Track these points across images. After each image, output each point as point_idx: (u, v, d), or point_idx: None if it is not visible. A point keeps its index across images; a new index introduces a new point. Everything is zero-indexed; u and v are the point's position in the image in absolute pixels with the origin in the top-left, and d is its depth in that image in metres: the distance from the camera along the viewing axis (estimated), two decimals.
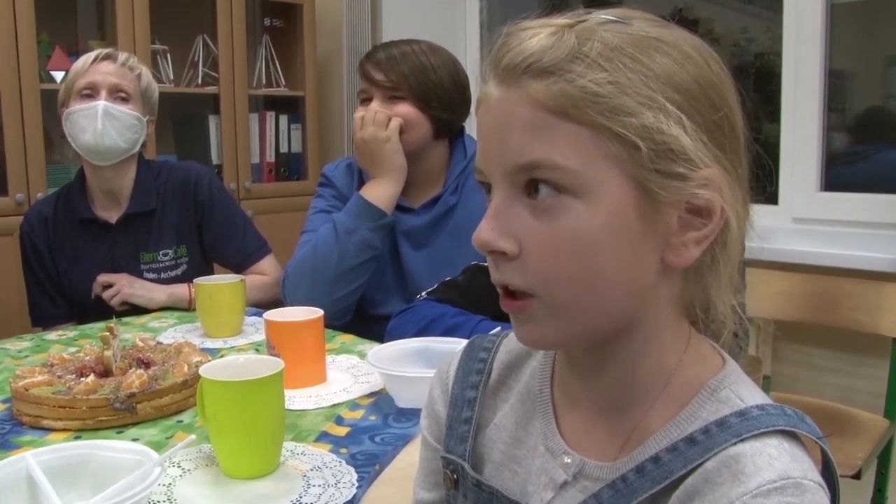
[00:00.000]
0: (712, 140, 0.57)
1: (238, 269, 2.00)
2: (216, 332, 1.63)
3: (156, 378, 1.20)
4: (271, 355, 1.27)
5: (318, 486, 0.95)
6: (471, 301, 1.44)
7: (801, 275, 2.07)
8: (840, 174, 2.31)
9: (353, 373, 1.37)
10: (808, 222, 2.27)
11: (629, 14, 0.59)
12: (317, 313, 1.36)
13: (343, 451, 1.04)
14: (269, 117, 3.20)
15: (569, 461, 0.63)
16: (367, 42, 3.03)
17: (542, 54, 0.56)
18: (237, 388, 0.98)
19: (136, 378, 1.17)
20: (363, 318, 1.75)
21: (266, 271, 2.01)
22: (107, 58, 1.86)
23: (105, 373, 1.24)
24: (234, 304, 1.65)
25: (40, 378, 1.20)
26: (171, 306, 1.88)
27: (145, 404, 1.16)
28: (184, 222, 1.97)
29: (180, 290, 1.89)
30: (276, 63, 3.23)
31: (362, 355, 1.44)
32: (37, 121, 2.51)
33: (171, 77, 3.00)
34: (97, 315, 1.81)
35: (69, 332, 1.73)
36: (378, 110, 1.69)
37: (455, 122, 1.76)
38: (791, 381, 2.22)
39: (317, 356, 1.34)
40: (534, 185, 0.57)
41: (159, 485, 0.92)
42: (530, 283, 0.58)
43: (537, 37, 0.57)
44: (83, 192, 1.94)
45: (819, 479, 0.55)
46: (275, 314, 1.37)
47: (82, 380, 1.18)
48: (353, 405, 1.22)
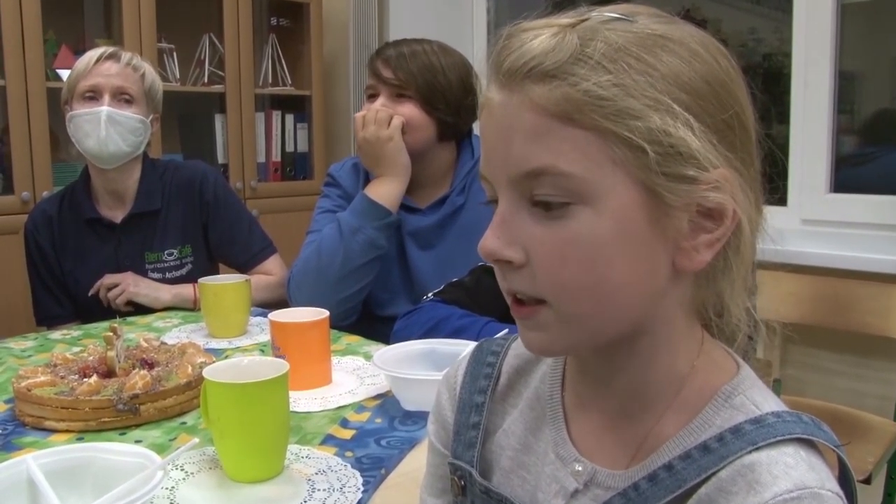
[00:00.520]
0: (722, 140, 0.56)
1: (243, 268, 1.99)
2: (221, 333, 1.63)
3: (159, 379, 1.19)
4: (276, 356, 1.26)
5: (323, 490, 0.94)
6: (478, 302, 1.43)
7: (810, 277, 2.06)
8: (849, 176, 2.29)
9: (358, 374, 1.36)
10: (817, 224, 2.26)
11: (633, 10, 0.57)
12: (322, 314, 1.35)
13: (348, 454, 1.03)
14: (276, 116, 3.20)
15: (580, 469, 0.62)
16: (374, 42, 3.02)
17: (543, 57, 0.55)
18: (241, 391, 0.97)
19: (139, 379, 1.16)
20: (369, 318, 1.74)
21: (271, 271, 2.00)
22: (110, 57, 1.85)
23: (108, 373, 1.23)
24: (239, 305, 1.65)
25: (43, 378, 1.19)
26: (175, 306, 1.87)
27: (148, 406, 1.15)
28: (189, 222, 1.96)
29: (185, 289, 1.88)
30: (283, 62, 3.23)
31: (368, 357, 1.43)
32: (43, 119, 2.51)
33: (178, 76, 2.99)
34: (101, 314, 1.80)
35: (73, 331, 1.73)
36: (379, 109, 1.67)
37: (461, 125, 1.73)
38: (799, 384, 2.20)
39: (322, 357, 1.33)
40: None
41: (162, 488, 0.91)
42: (539, 290, 0.57)
43: (538, 38, 0.56)
44: (88, 191, 1.93)
45: (837, 488, 0.54)
46: (280, 315, 1.36)
47: (85, 380, 1.17)
48: (358, 407, 1.21)
